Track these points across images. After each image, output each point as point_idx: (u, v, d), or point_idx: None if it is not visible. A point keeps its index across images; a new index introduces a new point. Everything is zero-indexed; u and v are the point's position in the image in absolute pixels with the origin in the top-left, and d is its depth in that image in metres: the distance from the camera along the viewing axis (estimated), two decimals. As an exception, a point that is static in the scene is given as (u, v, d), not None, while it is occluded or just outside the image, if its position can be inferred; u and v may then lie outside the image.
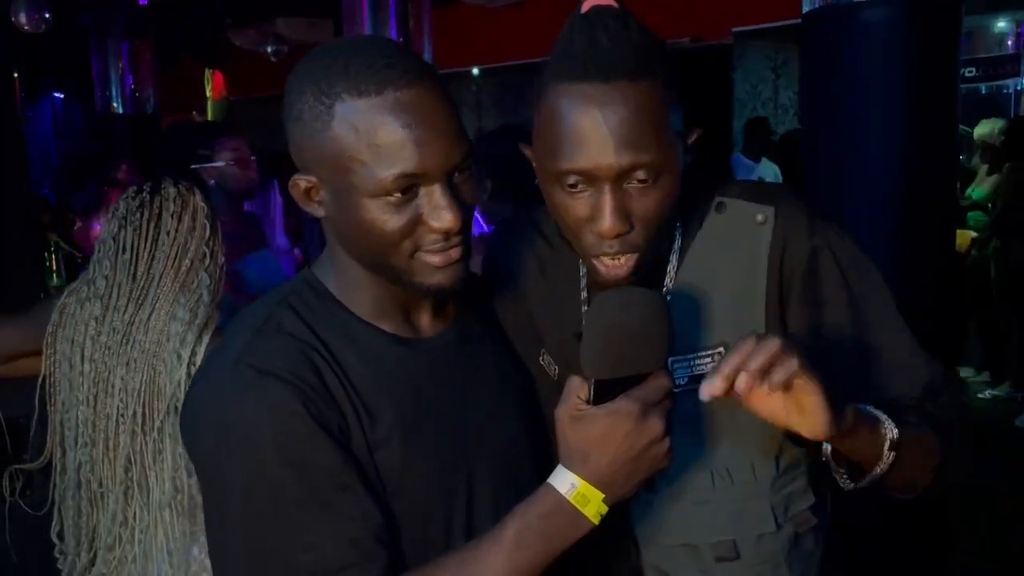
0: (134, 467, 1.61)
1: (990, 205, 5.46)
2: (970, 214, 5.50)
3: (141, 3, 7.97)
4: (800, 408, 0.86)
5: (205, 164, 2.73)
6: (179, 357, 1.61)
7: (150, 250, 1.65)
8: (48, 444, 1.69)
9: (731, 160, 6.29)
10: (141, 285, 1.64)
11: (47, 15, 7.51)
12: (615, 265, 1.00)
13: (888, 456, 0.95)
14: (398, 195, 0.89)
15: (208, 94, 13.32)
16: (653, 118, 0.94)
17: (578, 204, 0.97)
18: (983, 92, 8.96)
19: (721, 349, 1.04)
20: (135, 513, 1.62)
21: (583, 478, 0.87)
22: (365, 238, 0.93)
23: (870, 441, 0.94)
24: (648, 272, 1.04)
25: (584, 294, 1.11)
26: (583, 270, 1.11)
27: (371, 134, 0.87)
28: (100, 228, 1.72)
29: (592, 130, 0.93)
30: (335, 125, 0.88)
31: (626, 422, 0.86)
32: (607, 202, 0.95)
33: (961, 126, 4.83)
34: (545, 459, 1.07)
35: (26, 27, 7.34)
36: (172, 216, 1.67)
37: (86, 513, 1.66)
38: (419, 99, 0.88)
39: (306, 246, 5.56)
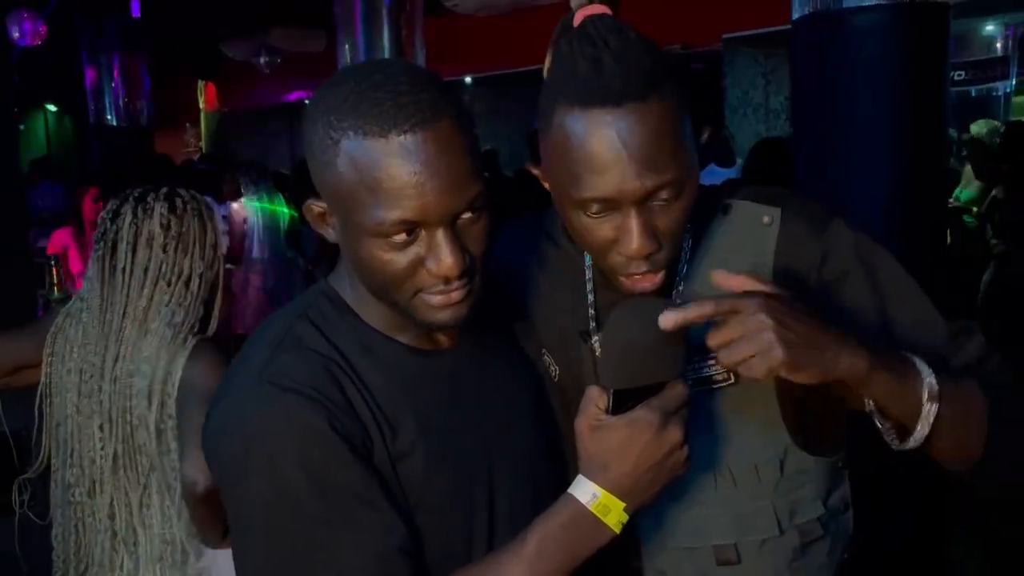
0: (119, 516, 1.61)
1: (974, 208, 5.47)
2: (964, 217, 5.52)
3: (134, 15, 7.98)
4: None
5: None
6: (156, 374, 1.59)
7: (143, 267, 1.63)
8: (42, 455, 1.70)
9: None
10: (134, 302, 1.62)
11: (41, 28, 7.53)
12: (643, 280, 0.99)
13: (929, 408, 0.90)
14: (399, 237, 0.88)
15: (201, 106, 13.33)
16: (669, 135, 0.93)
17: (602, 227, 0.96)
18: (973, 95, 9.02)
19: None
20: (122, 562, 1.62)
21: (604, 488, 0.88)
22: (368, 273, 0.93)
23: (902, 390, 0.90)
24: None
25: (591, 297, 1.11)
26: (589, 273, 1.12)
27: (372, 177, 0.85)
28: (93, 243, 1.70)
29: (611, 157, 0.91)
30: (340, 162, 0.87)
31: (646, 431, 0.86)
32: (634, 225, 0.94)
33: (951, 129, 4.86)
34: (561, 462, 1.08)
35: (21, 40, 7.36)
36: (162, 228, 1.65)
37: (75, 533, 1.66)
38: (425, 144, 0.85)
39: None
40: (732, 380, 1.04)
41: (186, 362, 1.59)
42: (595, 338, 1.09)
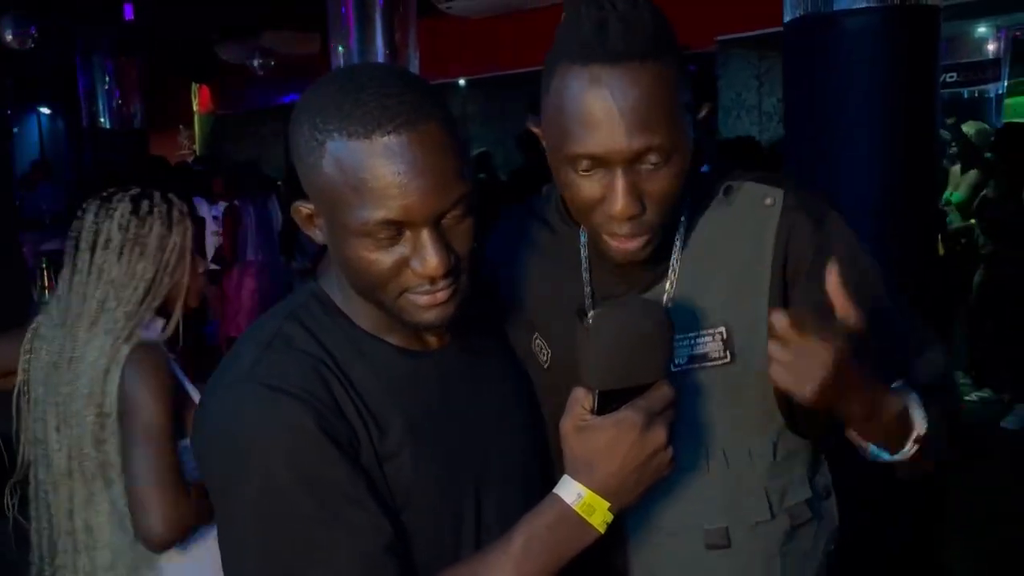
0: (77, 519, 1.60)
1: (972, 221, 5.49)
2: (951, 216, 5.54)
3: (128, 18, 7.97)
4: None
5: None
6: (95, 381, 1.58)
7: (99, 269, 1.62)
8: (23, 454, 1.70)
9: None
10: (88, 304, 1.61)
11: (33, 32, 7.52)
12: (625, 241, 1.00)
13: (910, 448, 0.98)
14: (384, 237, 0.88)
15: (195, 108, 13.31)
16: (664, 99, 0.94)
17: (590, 185, 0.97)
18: (964, 96, 9.06)
19: (722, 329, 1.05)
20: (85, 565, 1.62)
21: (589, 488, 0.88)
22: (355, 273, 0.94)
23: (888, 434, 0.98)
24: (655, 251, 1.04)
25: (587, 275, 1.12)
26: (584, 252, 1.12)
27: (356, 177, 0.86)
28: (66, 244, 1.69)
29: (603, 114, 0.92)
30: (325, 163, 0.88)
31: (631, 432, 0.87)
32: (619, 185, 0.95)
33: (943, 130, 4.87)
34: (549, 461, 1.08)
35: (12, 44, 7.35)
36: (120, 231, 1.62)
37: (48, 529, 1.66)
38: (409, 145, 0.86)
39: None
40: (728, 359, 1.04)
41: (123, 369, 1.57)
42: (591, 314, 1.09)
